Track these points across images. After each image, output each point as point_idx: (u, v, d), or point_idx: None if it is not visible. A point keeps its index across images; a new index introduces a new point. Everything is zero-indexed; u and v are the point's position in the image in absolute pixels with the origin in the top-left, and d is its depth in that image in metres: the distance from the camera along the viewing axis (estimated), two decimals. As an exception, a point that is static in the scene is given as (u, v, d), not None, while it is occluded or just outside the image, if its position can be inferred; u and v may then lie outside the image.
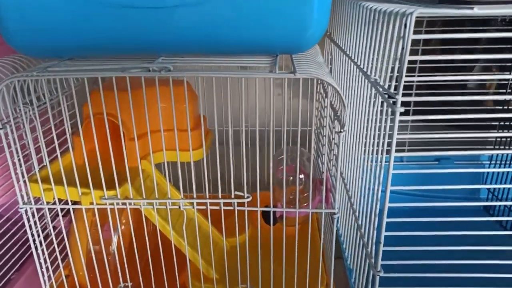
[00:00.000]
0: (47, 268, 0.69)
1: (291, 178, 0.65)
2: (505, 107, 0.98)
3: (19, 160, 0.61)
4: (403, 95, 0.49)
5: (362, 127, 0.66)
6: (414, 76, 0.91)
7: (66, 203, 0.64)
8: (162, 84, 0.64)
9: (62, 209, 0.66)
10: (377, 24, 0.55)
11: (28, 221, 0.64)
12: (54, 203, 0.64)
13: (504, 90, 0.99)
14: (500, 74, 0.91)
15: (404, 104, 0.49)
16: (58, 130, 0.74)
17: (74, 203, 0.65)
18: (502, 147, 1.05)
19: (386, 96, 0.52)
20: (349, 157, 0.71)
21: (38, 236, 0.66)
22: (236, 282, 0.68)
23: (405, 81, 0.48)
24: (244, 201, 0.60)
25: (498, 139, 1.07)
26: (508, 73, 0.95)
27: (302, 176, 0.66)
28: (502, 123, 0.98)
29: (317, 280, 0.68)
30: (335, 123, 0.60)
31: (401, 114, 0.50)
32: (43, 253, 0.67)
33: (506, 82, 0.98)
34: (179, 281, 0.69)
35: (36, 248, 0.67)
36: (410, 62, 0.48)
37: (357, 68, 0.66)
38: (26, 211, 0.63)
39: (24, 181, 0.62)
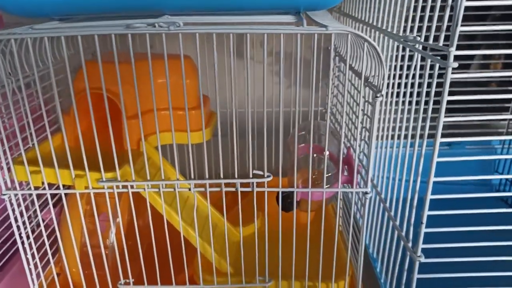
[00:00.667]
0: (35, 265, 0.60)
1: (315, 155, 0.58)
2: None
3: (1, 139, 0.52)
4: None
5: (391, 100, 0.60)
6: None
7: (57, 189, 0.56)
8: (162, 57, 0.55)
9: (52, 197, 0.57)
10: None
11: (13, 210, 0.56)
12: (44, 189, 0.55)
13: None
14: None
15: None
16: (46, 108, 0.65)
17: (67, 188, 0.56)
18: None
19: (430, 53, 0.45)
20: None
21: (25, 228, 0.57)
22: (251, 275, 0.60)
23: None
24: (264, 180, 0.53)
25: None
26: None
27: (327, 153, 0.59)
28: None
29: (342, 270, 0.61)
30: (364, 92, 0.53)
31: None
32: (31, 248, 0.59)
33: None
34: (187, 275, 0.61)
35: (22, 242, 0.58)
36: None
37: (383, 34, 0.60)
38: (10, 198, 0.55)
39: (8, 163, 0.54)
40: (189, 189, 0.54)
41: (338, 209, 0.58)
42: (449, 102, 0.44)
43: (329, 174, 0.58)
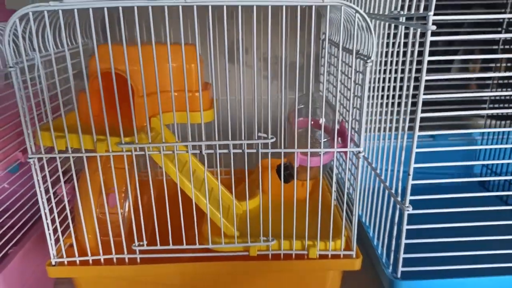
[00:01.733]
0: (54, 230, 0.65)
1: (312, 122, 0.64)
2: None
3: (29, 105, 0.58)
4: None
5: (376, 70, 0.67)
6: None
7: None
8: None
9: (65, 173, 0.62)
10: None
11: (37, 174, 0.60)
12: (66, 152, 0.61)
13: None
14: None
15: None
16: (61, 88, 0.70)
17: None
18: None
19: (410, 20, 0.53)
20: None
21: (47, 192, 0.62)
22: (256, 237, 0.66)
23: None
24: (268, 141, 0.59)
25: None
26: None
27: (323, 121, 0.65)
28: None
29: (338, 231, 0.67)
30: (353, 62, 0.59)
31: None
32: (51, 213, 0.63)
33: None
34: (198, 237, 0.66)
35: (43, 207, 0.63)
36: None
37: (373, 19, 0.67)
38: (34, 163, 0.60)
39: (34, 130, 0.59)
40: (200, 152, 0.60)
41: (334, 172, 0.64)
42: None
43: (325, 140, 0.64)
